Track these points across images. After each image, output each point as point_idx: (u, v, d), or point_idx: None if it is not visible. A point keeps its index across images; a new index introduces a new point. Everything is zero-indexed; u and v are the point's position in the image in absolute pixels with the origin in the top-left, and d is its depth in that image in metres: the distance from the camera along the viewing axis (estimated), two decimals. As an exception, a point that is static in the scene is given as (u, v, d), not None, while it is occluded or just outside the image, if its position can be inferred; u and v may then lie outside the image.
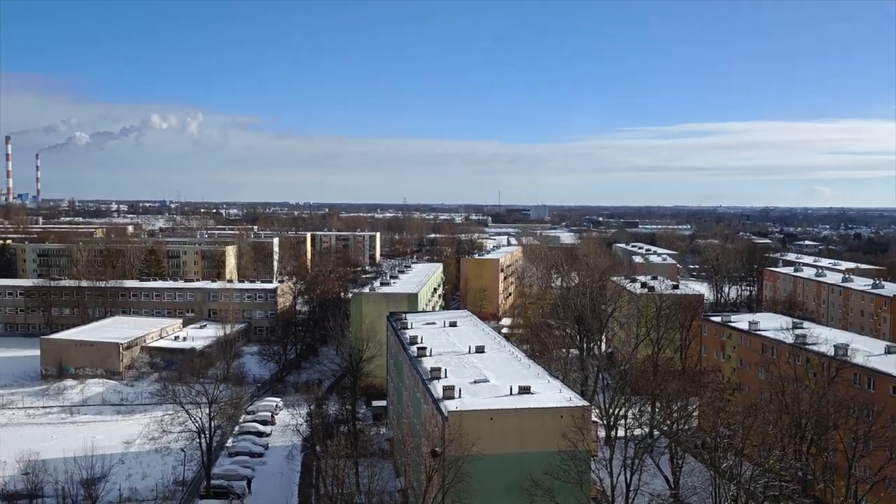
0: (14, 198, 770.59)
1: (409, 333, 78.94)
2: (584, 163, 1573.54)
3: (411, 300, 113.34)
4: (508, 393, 55.15)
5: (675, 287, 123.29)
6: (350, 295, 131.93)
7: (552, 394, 55.29)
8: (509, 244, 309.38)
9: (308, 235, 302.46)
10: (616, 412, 71.06)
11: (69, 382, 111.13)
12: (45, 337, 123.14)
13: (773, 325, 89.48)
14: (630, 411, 70.07)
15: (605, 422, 70.41)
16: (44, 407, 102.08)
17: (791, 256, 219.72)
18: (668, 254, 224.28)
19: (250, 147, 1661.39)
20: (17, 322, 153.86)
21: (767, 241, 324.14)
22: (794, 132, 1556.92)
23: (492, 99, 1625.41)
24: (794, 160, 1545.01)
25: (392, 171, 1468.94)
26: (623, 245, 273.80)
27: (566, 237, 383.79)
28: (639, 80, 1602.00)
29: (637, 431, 67.74)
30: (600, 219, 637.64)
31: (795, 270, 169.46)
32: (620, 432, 69.84)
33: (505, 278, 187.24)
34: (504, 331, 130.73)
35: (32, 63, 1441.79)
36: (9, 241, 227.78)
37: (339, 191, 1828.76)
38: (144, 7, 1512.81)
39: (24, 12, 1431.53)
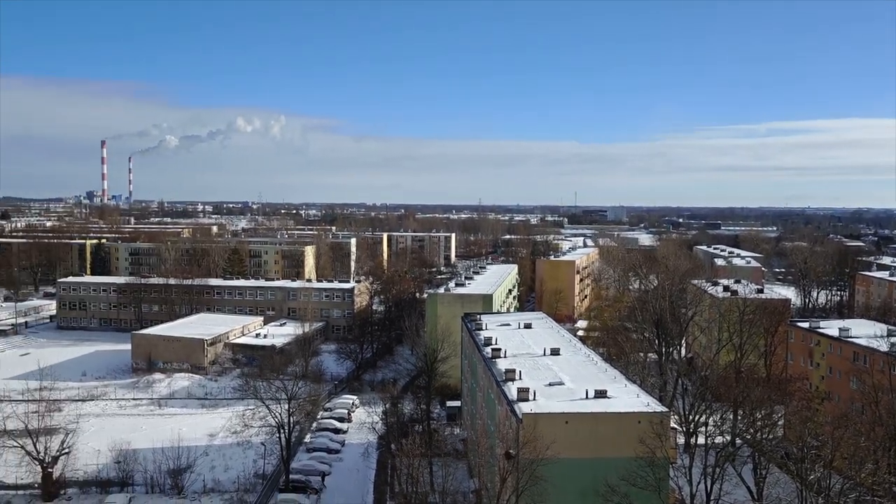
0: (108, 199, 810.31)
1: (483, 334, 78.93)
2: (664, 163, 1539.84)
3: (486, 301, 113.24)
4: (584, 396, 54.44)
5: (760, 291, 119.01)
6: (425, 295, 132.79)
7: (629, 398, 54.29)
8: (585, 246, 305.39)
9: (384, 236, 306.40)
10: (696, 419, 69.14)
11: (157, 376, 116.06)
12: (136, 332, 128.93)
13: (865, 332, 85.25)
14: (711, 418, 68.04)
15: (684, 428, 68.62)
16: (134, 399, 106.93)
17: (886, 260, 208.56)
18: (752, 256, 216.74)
19: (330, 149, 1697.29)
20: (111, 317, 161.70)
21: (860, 244, 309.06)
22: (891, 130, 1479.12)
23: (571, 99, 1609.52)
24: (890, 159, 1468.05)
25: (467, 173, 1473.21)
26: (704, 247, 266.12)
27: (645, 239, 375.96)
28: (720, 78, 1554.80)
29: (718, 439, 65.69)
30: (680, 220, 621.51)
31: (891, 275, 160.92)
32: (700, 440, 67.91)
33: (581, 280, 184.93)
34: (580, 333, 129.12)
35: (125, 70, 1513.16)
36: (104, 241, 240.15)
37: (414, 192, 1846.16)
38: (231, 14, 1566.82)
39: (119, 20, 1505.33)
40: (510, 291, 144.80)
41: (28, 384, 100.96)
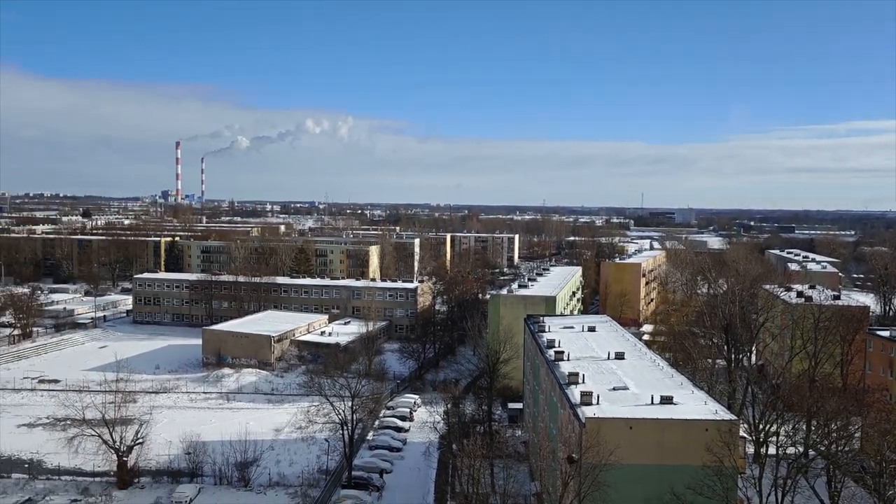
0: (182, 198, 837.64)
1: (546, 337, 78.31)
2: (735, 164, 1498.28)
3: (549, 303, 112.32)
4: (649, 402, 53.39)
5: (837, 297, 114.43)
6: (488, 296, 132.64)
7: (696, 405, 52.98)
8: (652, 248, 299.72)
9: (448, 237, 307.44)
10: (767, 428, 66.93)
11: (226, 371, 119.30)
12: (206, 328, 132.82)
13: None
14: (782, 428, 65.74)
15: (754, 438, 66.50)
16: (204, 392, 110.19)
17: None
18: (828, 261, 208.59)
19: (395, 150, 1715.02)
20: (183, 313, 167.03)
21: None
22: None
23: (638, 99, 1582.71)
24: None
25: (532, 174, 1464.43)
26: (777, 251, 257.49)
27: (714, 242, 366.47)
28: (797, 77, 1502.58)
29: (790, 450, 63.45)
30: (752, 223, 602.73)
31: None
32: (771, 450, 65.74)
33: (647, 283, 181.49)
34: (645, 337, 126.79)
35: (199, 73, 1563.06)
36: (177, 239, 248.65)
37: (478, 193, 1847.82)
38: (301, 17, 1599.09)
39: (193, 26, 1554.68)
40: (574, 294, 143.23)
41: (105, 376, 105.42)
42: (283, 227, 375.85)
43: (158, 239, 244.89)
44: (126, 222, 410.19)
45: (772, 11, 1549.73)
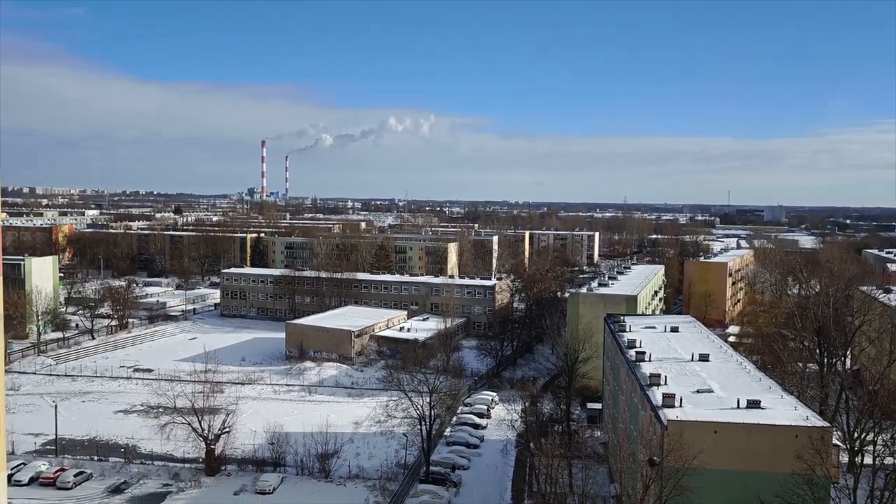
0: (267, 195, 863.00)
1: (627, 336, 76.92)
2: (830, 160, 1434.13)
3: (630, 302, 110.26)
4: (735, 406, 51.70)
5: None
6: (567, 295, 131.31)
7: (786, 410, 50.97)
8: (739, 247, 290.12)
9: (526, 234, 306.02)
10: (863, 436, 63.81)
11: (308, 364, 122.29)
12: (289, 322, 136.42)
13: None
14: (880, 437, 62.50)
15: (848, 446, 63.51)
16: (287, 385, 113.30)
17: None
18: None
19: (477, 147, 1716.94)
20: (267, 307, 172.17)
21: None
22: None
23: (726, 91, 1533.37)
24: None
25: (613, 170, 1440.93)
26: (875, 251, 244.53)
27: (806, 241, 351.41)
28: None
29: (888, 460, 60.27)
30: (847, 221, 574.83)
31: None
32: (868, 459, 62.58)
33: (733, 283, 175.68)
34: (731, 339, 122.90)
35: (285, 74, 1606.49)
36: (262, 235, 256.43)
37: (558, 190, 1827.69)
38: (385, 18, 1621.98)
39: (280, 27, 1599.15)
40: (656, 293, 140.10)
41: (195, 366, 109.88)
42: (363, 224, 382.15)
43: (244, 235, 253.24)
44: (214, 219, 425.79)
45: (873, 4, 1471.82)
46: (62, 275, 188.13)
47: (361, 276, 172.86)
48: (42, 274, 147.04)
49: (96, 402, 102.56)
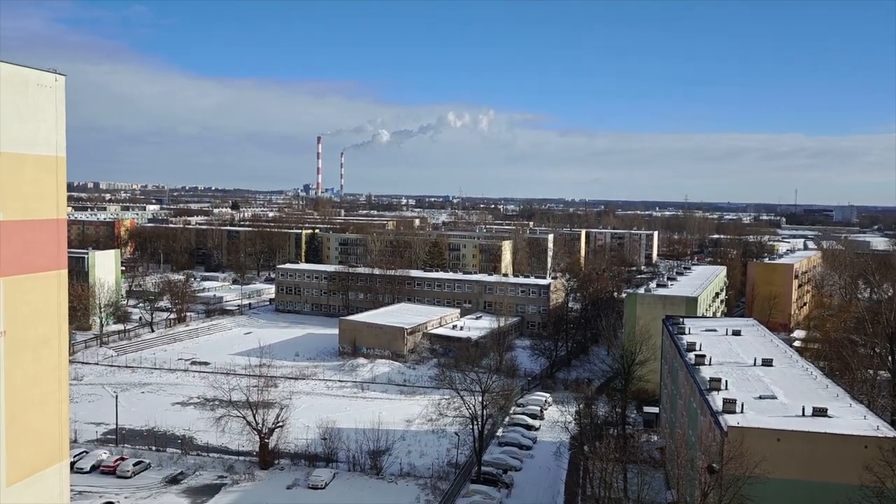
0: (322, 192, 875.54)
1: (686, 339, 75.54)
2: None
3: (690, 304, 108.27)
4: (800, 413, 50.28)
5: None
6: (624, 295, 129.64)
7: (854, 419, 49.33)
8: (806, 248, 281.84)
9: (582, 232, 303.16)
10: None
11: (361, 361, 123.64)
12: (343, 318, 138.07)
13: None
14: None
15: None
16: (339, 381, 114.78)
17: None
18: None
19: (534, 144, 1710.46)
20: (321, 303, 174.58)
21: None
22: None
23: (798, 86, 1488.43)
24: None
25: (674, 167, 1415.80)
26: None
27: (878, 242, 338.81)
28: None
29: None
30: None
31: None
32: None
33: (799, 286, 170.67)
34: (796, 344, 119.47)
35: (343, 70, 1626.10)
36: (317, 231, 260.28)
37: (616, 187, 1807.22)
38: (445, 16, 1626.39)
39: (338, 24, 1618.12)
40: (717, 295, 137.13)
41: (250, 360, 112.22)
42: (417, 221, 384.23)
43: (300, 231, 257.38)
44: (270, 214, 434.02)
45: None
46: (124, 268, 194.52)
47: (415, 273, 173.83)
48: (105, 267, 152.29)
49: (155, 394, 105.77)
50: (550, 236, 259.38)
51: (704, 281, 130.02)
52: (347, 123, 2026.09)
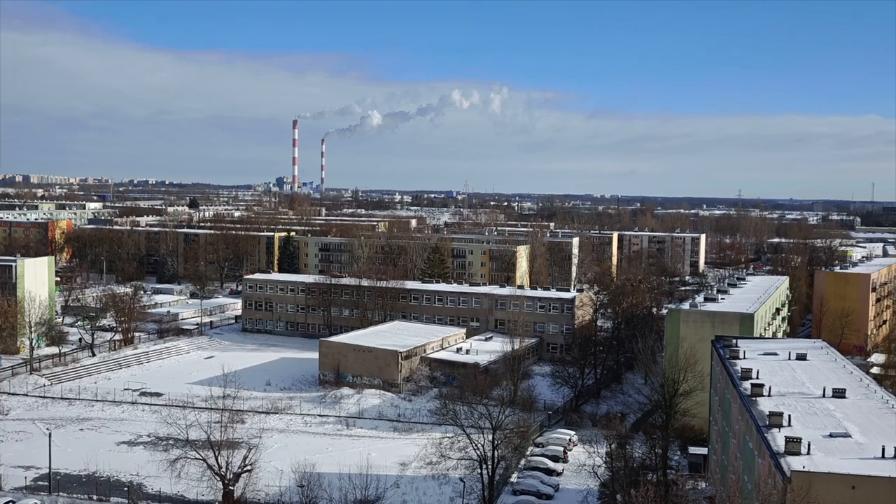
0: (299, 186, 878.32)
1: (740, 365, 75.55)
2: None
3: (745, 322, 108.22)
4: (879, 455, 50.27)
5: None
6: (665, 311, 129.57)
7: (945, 463, 49.23)
8: (886, 254, 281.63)
9: (614, 236, 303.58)
10: None
11: (346, 391, 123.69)
12: (324, 339, 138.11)
13: None
14: None
15: None
16: (320, 415, 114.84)
17: None
18: None
19: (557, 128, 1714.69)
20: (298, 321, 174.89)
21: None
22: None
23: (879, 56, 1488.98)
24: None
25: (724, 157, 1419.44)
26: None
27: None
28: None
29: None
30: None
31: None
32: None
33: (878, 300, 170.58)
34: (874, 371, 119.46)
35: (326, 42, 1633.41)
36: (292, 234, 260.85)
37: (654, 181, 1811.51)
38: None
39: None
40: (778, 311, 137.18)
41: (211, 390, 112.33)
42: (414, 222, 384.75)
43: (272, 234, 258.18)
44: (236, 214, 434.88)
45: None
46: (59, 279, 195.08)
47: (411, 285, 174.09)
48: (36, 278, 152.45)
49: (96, 431, 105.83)
50: (575, 240, 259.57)
51: (762, 294, 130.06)
52: (330, 104, 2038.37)
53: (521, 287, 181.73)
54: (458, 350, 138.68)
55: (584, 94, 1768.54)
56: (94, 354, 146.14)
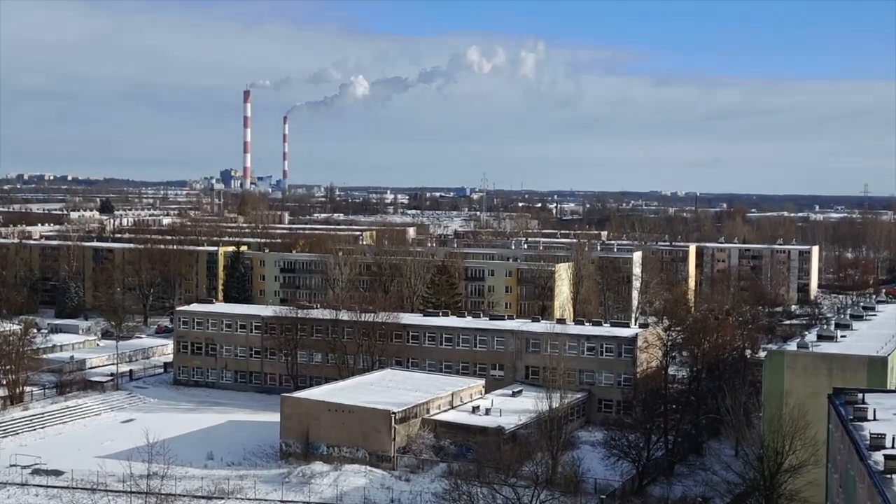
0: (252, 183, 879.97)
1: (869, 429, 75.09)
2: None
3: (875, 369, 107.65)
4: None
5: None
6: (763, 354, 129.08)
7: None
8: None
9: (691, 249, 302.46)
10: None
11: (318, 467, 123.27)
12: (288, 395, 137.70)
13: None
14: None
15: None
16: (281, 501, 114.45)
17: None
18: None
19: (612, 100, 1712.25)
20: (251, 370, 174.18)
21: None
22: None
23: None
24: None
25: (846, 138, 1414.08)
26: None
27: None
28: None
29: None
30: None
31: None
32: None
33: None
34: None
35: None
36: (243, 248, 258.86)
37: (747, 173, 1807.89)
38: None
39: None
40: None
41: (132, 467, 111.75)
42: (412, 231, 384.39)
43: (214, 249, 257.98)
44: (165, 221, 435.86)
45: None
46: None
47: (408, 318, 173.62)
48: None
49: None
50: (637, 255, 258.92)
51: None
52: (297, 68, 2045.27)
53: (561, 321, 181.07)
54: (475, 409, 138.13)
55: (652, 51, 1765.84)
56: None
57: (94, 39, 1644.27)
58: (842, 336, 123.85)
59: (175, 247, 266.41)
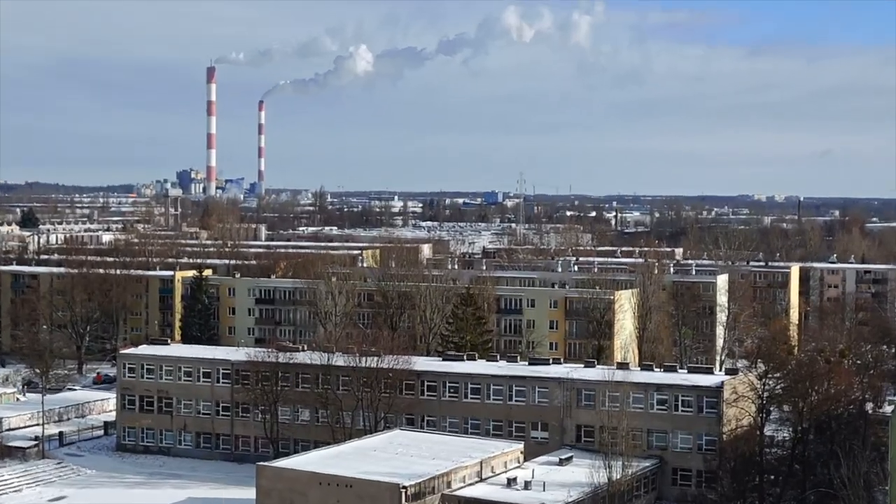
0: (217, 189, 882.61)
1: None
2: None
3: None
4: None
5: None
6: (889, 408, 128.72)
7: None
8: None
9: (794, 270, 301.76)
10: None
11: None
12: (267, 464, 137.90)
13: None
14: None
15: None
16: None
17: None
18: None
19: (692, 76, 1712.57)
20: (218, 431, 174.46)
21: None
22: None
23: None
24: None
25: None
26: None
27: None
28: None
29: None
30: None
31: None
32: None
33: None
34: None
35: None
36: (206, 273, 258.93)
37: (865, 171, 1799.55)
38: None
39: None
40: None
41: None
42: (426, 249, 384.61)
43: (170, 273, 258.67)
44: (105, 238, 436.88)
45: None
46: None
47: (424, 363, 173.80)
48: None
49: None
50: (722, 279, 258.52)
51: None
52: (278, 36, 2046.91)
53: (623, 366, 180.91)
54: (510, 483, 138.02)
55: (743, 12, 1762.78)
56: None
57: (14, 3, 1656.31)
58: None
59: (119, 271, 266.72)
